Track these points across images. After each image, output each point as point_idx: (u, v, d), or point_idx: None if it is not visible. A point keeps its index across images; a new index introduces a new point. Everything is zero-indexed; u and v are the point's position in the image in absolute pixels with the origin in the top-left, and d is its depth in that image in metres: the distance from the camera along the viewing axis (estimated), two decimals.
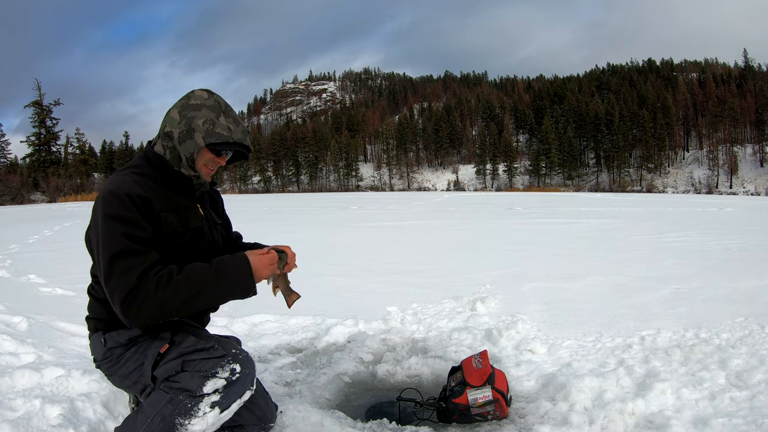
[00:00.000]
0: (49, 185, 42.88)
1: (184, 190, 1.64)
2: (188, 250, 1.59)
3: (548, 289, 4.09)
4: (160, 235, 1.51)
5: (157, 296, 1.36)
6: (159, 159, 1.61)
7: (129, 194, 1.45)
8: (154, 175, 1.58)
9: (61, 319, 3.44)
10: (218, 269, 1.45)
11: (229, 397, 1.47)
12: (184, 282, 1.39)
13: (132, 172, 1.56)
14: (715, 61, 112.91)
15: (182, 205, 1.60)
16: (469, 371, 2.04)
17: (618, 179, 72.20)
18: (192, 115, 1.56)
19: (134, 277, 1.36)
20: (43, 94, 50.45)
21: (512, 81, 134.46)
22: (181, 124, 1.56)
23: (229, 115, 1.60)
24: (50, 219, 15.44)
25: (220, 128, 1.56)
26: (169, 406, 1.44)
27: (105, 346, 1.58)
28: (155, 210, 1.50)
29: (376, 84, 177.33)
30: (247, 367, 1.51)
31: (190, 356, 1.49)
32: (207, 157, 1.60)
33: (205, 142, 1.55)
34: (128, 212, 1.43)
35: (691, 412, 1.87)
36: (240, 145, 1.62)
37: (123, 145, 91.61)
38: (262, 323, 3.25)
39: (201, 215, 1.67)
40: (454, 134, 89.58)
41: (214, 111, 1.58)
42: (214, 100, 1.60)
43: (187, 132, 1.56)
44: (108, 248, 1.40)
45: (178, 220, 1.56)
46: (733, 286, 4.02)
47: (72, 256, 6.74)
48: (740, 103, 73.90)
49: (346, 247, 7.28)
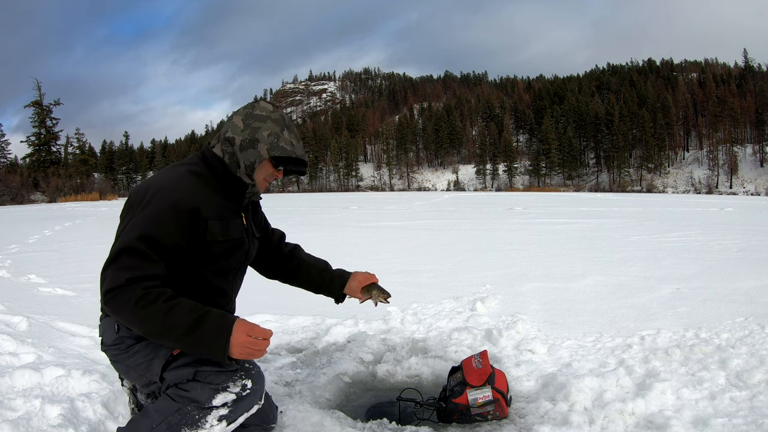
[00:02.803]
0: (49, 185, 42.84)
1: (235, 197, 1.64)
2: (224, 258, 1.59)
3: (548, 289, 4.09)
4: (200, 242, 1.51)
5: (133, 311, 1.35)
6: (218, 161, 1.61)
7: (177, 203, 1.45)
8: (208, 177, 1.59)
9: (61, 319, 3.44)
10: (198, 322, 1.36)
11: (237, 412, 1.47)
12: (161, 315, 1.34)
13: (189, 171, 1.56)
14: (715, 61, 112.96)
15: (228, 212, 1.60)
16: (469, 371, 2.04)
17: (618, 179, 72.21)
18: (257, 125, 1.57)
19: (124, 278, 1.36)
20: (43, 94, 50.28)
21: (512, 81, 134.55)
22: (245, 132, 1.57)
23: (291, 131, 1.62)
24: (50, 219, 15.43)
25: (284, 143, 1.58)
26: (177, 415, 1.44)
27: (117, 333, 1.56)
28: (203, 217, 1.50)
29: (376, 84, 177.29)
30: (257, 383, 1.51)
31: (203, 366, 1.47)
32: (268, 171, 1.62)
33: (269, 155, 1.56)
34: (166, 220, 1.43)
35: (691, 412, 1.87)
36: (301, 162, 1.65)
37: (123, 145, 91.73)
38: (262, 323, 3.24)
39: (243, 226, 1.68)
40: (454, 134, 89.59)
41: (278, 125, 1.59)
42: (279, 114, 1.62)
43: (250, 141, 1.56)
44: (124, 239, 1.41)
45: (222, 228, 1.56)
46: (733, 286, 4.01)
47: (72, 256, 6.75)
48: (740, 103, 73.93)
49: (345, 247, 7.28)
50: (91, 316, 3.43)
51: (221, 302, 1.66)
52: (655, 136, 72.18)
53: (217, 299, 1.64)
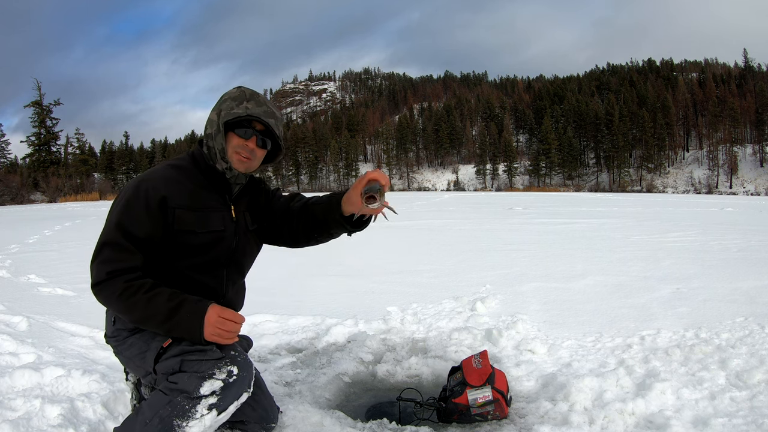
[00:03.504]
0: (49, 185, 42.85)
1: (220, 188, 1.67)
2: (203, 251, 1.61)
3: (548, 289, 4.09)
4: (171, 231, 1.55)
5: (118, 302, 1.48)
6: (200, 154, 1.67)
7: (147, 190, 1.53)
8: (191, 170, 1.64)
9: (61, 319, 3.44)
10: (175, 308, 1.47)
11: (226, 400, 1.47)
12: (143, 304, 1.46)
13: (168, 165, 1.64)
14: (715, 61, 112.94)
15: (208, 204, 1.62)
16: (469, 371, 2.04)
17: (618, 179, 72.19)
18: (219, 107, 1.63)
19: (105, 271, 1.48)
20: (43, 94, 50.35)
21: (512, 81, 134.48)
22: (213, 118, 1.63)
23: (253, 99, 1.62)
24: (50, 219, 15.44)
25: (238, 109, 1.60)
26: (168, 408, 1.44)
27: (114, 325, 1.63)
28: (169, 206, 1.54)
29: (376, 84, 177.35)
30: (244, 369, 1.51)
31: (189, 356, 1.49)
32: (234, 143, 1.63)
33: (221, 120, 1.59)
34: (138, 207, 1.51)
35: (691, 412, 1.87)
36: (257, 119, 1.60)
37: (123, 145, 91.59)
38: (262, 323, 3.26)
39: (230, 218, 1.67)
40: (454, 134, 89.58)
41: (236, 100, 1.62)
42: (240, 91, 1.64)
43: (215, 123, 1.61)
44: (105, 233, 1.53)
45: (197, 219, 1.58)
46: (733, 286, 4.01)
47: (72, 256, 6.75)
48: (740, 103, 73.90)
49: (346, 247, 7.28)
50: (91, 316, 3.43)
51: (210, 299, 1.59)
52: (655, 136, 72.16)
53: (204, 296, 1.59)
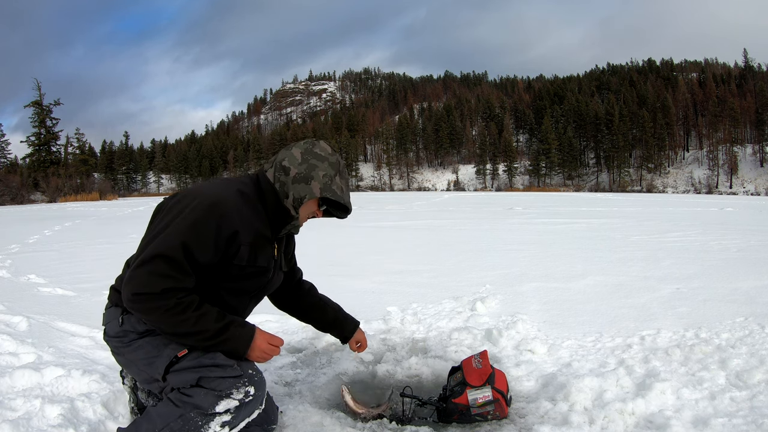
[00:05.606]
0: (49, 185, 42.84)
1: (275, 226, 1.67)
2: (242, 279, 1.61)
3: (548, 289, 4.09)
4: (226, 260, 1.54)
5: (164, 317, 1.42)
6: (270, 187, 1.65)
7: (221, 218, 1.49)
8: (255, 201, 1.62)
9: (61, 319, 3.44)
10: (224, 328, 1.49)
11: (239, 418, 1.49)
12: (193, 321, 1.45)
13: (238, 192, 1.59)
14: (715, 61, 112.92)
15: (262, 240, 1.62)
16: (469, 371, 2.04)
17: (618, 179, 72.18)
18: (314, 163, 1.63)
19: (161, 287, 1.40)
20: (43, 94, 50.17)
21: (512, 81, 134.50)
22: (301, 166, 1.62)
23: (343, 177, 1.68)
24: (50, 219, 15.44)
25: (336, 187, 1.64)
26: (180, 421, 1.44)
27: (121, 326, 1.57)
28: (238, 242, 1.53)
29: (376, 84, 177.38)
30: (260, 389, 1.52)
31: (208, 372, 1.47)
32: (312, 208, 1.68)
33: (321, 194, 1.61)
34: (207, 233, 1.46)
35: (691, 412, 1.87)
36: (345, 209, 1.73)
37: (123, 145, 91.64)
38: (262, 323, 3.25)
39: (273, 256, 1.70)
40: (454, 134, 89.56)
41: (334, 169, 1.65)
42: (336, 159, 1.67)
43: (305, 176, 1.61)
44: (163, 242, 1.44)
45: (249, 254, 1.58)
46: (733, 286, 4.01)
47: (72, 256, 6.75)
48: (740, 103, 73.86)
49: (346, 247, 7.28)
50: (91, 316, 3.43)
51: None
52: (655, 136, 72.13)
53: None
